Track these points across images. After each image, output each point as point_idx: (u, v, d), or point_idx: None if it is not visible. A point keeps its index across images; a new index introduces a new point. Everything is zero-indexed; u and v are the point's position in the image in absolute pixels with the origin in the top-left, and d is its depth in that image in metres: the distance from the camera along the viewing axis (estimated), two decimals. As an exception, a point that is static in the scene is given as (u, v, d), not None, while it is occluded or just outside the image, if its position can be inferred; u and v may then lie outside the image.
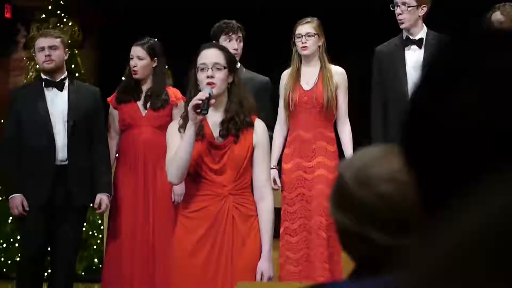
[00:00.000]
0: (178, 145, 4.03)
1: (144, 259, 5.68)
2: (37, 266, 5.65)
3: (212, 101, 3.97)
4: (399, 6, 5.73)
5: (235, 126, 4.07)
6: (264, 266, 4.08)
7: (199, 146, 4.07)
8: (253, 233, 4.10)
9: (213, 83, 4.03)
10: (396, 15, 5.75)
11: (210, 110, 4.05)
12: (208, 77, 4.03)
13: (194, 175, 4.09)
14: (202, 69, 4.07)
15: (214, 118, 4.11)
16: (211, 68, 4.05)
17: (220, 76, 4.05)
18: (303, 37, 5.82)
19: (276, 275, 5.84)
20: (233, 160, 4.07)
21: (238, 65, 5.81)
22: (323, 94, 5.77)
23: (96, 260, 7.87)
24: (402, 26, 5.76)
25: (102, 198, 5.67)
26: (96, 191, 5.67)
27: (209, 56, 4.09)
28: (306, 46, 5.83)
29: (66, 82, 5.70)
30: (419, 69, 5.50)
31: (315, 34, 5.84)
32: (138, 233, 5.70)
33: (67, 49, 5.79)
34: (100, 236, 7.76)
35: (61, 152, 5.56)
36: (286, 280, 5.61)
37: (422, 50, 5.72)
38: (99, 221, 7.84)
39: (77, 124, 5.59)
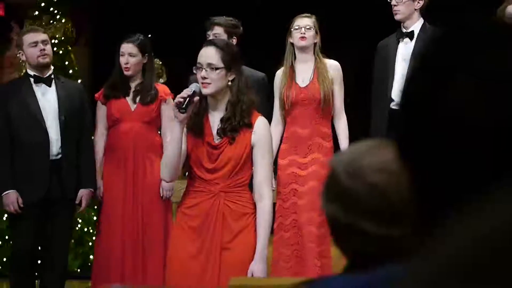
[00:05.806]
0: (169, 142, 4.01)
1: (133, 253, 5.70)
2: (30, 265, 5.62)
3: (196, 98, 3.92)
4: None
5: (231, 127, 4.01)
6: (255, 267, 3.98)
7: (199, 144, 4.06)
8: (246, 230, 4.03)
9: (207, 83, 3.98)
10: (392, 6, 5.77)
11: (212, 108, 4.05)
12: (202, 77, 3.99)
13: (192, 172, 4.10)
14: (199, 68, 4.02)
15: (215, 116, 4.08)
16: (205, 69, 3.99)
17: (214, 76, 3.98)
18: (302, 28, 5.79)
19: (268, 270, 5.84)
20: (228, 160, 4.02)
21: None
22: (319, 90, 5.75)
23: (91, 257, 7.86)
24: (396, 18, 5.78)
25: (84, 195, 5.68)
26: (80, 186, 5.67)
27: (204, 55, 4.03)
28: (304, 37, 5.79)
29: (53, 78, 5.70)
30: (408, 61, 5.50)
31: (313, 28, 5.82)
32: (127, 227, 5.72)
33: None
34: (96, 233, 7.75)
35: (55, 147, 5.56)
36: (278, 275, 5.60)
37: (413, 42, 5.73)
38: (94, 218, 7.83)
39: (68, 119, 5.60)
